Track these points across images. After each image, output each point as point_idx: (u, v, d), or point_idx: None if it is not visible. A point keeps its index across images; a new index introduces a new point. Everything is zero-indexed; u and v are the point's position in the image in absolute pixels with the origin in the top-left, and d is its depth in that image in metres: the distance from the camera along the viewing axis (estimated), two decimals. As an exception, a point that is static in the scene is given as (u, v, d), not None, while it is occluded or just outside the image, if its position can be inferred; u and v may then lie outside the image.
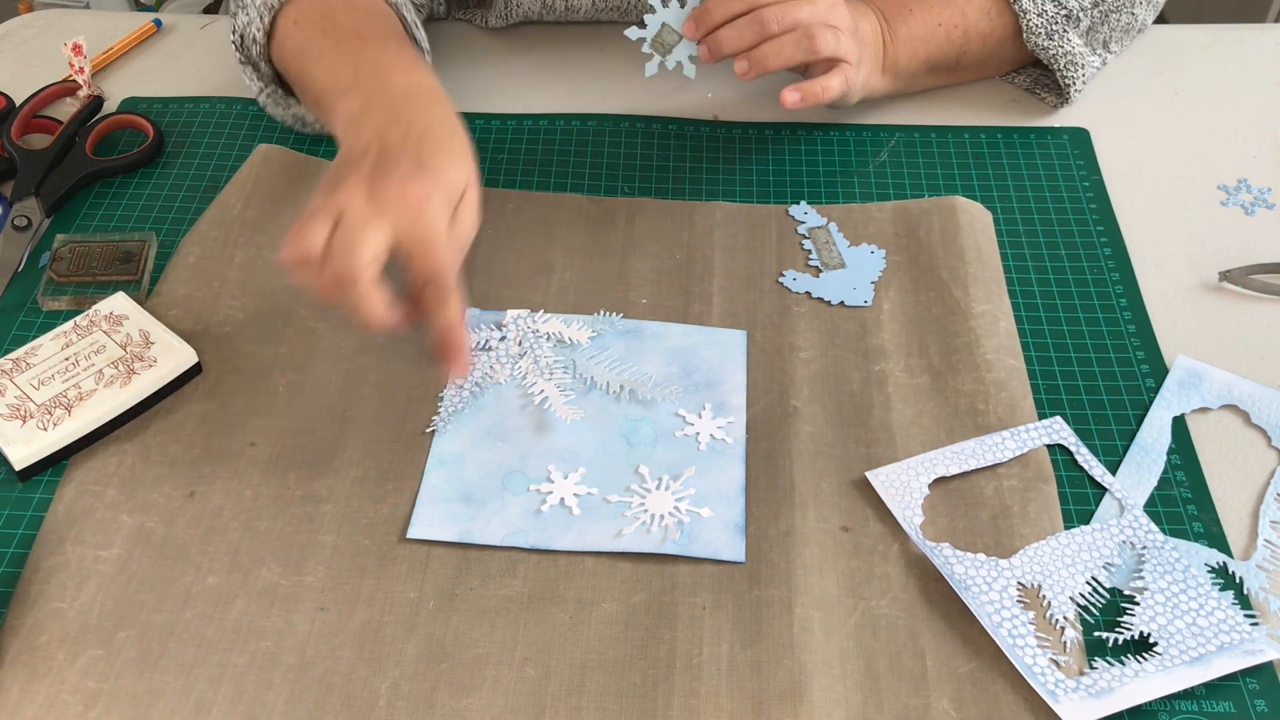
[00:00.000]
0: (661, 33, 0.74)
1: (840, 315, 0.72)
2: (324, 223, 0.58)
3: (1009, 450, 0.64)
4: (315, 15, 0.75)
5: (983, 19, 0.82)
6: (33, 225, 0.78)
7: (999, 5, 0.82)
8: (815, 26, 0.73)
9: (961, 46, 0.83)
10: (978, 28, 0.83)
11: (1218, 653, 0.56)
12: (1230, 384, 0.68)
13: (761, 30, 0.72)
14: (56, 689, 0.55)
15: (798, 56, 0.73)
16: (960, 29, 0.82)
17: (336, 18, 0.74)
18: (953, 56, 0.84)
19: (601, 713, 0.54)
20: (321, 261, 0.58)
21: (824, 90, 0.75)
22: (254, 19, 0.77)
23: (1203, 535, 0.62)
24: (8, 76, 0.92)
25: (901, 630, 0.57)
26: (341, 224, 0.58)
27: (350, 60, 0.70)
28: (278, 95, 0.82)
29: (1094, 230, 0.78)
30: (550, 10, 0.90)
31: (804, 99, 0.74)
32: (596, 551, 0.61)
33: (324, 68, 0.72)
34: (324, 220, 0.59)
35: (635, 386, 0.68)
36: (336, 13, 0.74)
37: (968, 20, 0.82)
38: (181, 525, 0.62)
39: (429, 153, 0.61)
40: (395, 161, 0.60)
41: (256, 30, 0.77)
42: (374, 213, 0.58)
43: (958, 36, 0.83)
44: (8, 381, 0.66)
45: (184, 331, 0.70)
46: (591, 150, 0.84)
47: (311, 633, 0.57)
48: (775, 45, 0.73)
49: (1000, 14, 0.82)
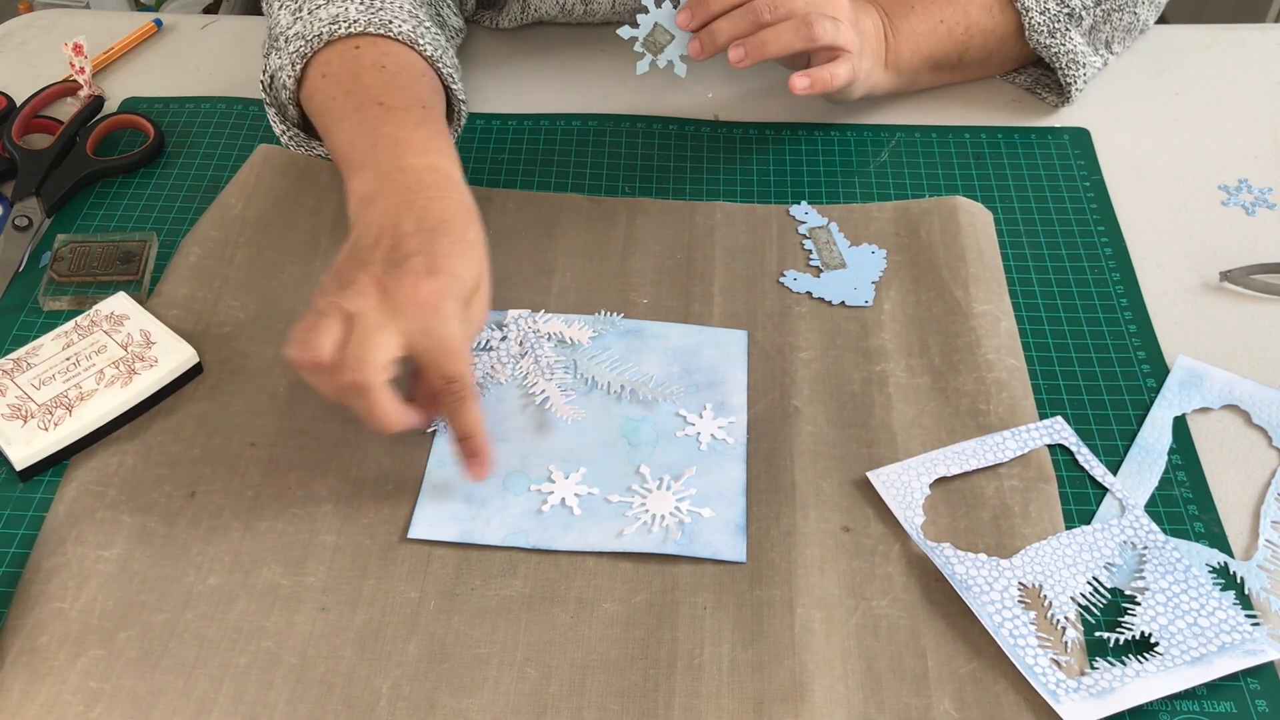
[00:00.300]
0: (654, 32, 0.74)
1: (841, 315, 0.72)
2: (334, 326, 0.57)
3: (1010, 450, 0.64)
4: (344, 72, 0.72)
5: (985, 16, 0.82)
6: (33, 225, 0.78)
7: (1001, 2, 0.82)
8: (813, 15, 0.72)
9: (964, 44, 0.83)
10: (980, 25, 0.83)
11: (1219, 653, 0.56)
12: (1231, 384, 0.68)
13: (756, 20, 0.72)
14: (57, 689, 0.55)
15: (796, 44, 0.72)
16: (962, 26, 0.82)
17: (363, 78, 0.71)
18: (955, 54, 0.84)
19: (602, 713, 0.54)
20: (333, 368, 0.57)
21: (832, 77, 0.74)
22: (285, 65, 0.74)
23: (1204, 535, 0.62)
24: (8, 76, 0.92)
25: (903, 630, 0.57)
26: (354, 329, 0.57)
27: (368, 132, 0.68)
28: (300, 138, 0.80)
29: (1094, 230, 0.78)
30: (568, 13, 0.90)
31: (813, 85, 0.73)
32: (597, 551, 0.61)
33: (344, 134, 0.69)
34: (333, 323, 0.57)
35: (636, 386, 0.68)
36: (364, 72, 0.71)
37: (970, 17, 0.82)
38: (182, 525, 0.62)
39: (442, 248, 0.60)
40: (407, 260, 0.59)
41: (287, 77, 0.74)
42: (386, 315, 0.57)
43: (960, 33, 0.83)
44: (8, 381, 0.66)
45: (184, 331, 0.70)
46: (592, 150, 0.84)
47: (312, 633, 0.57)
48: (773, 32, 0.72)
49: (1003, 11, 0.82)
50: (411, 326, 0.57)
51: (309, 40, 0.73)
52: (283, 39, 0.75)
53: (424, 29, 0.76)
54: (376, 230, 0.61)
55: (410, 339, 0.58)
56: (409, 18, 0.75)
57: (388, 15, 0.74)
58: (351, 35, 0.73)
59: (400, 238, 0.60)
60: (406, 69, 0.73)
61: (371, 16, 0.73)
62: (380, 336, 0.57)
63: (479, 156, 0.83)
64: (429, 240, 0.60)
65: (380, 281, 0.58)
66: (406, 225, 0.61)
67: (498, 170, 0.82)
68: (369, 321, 0.57)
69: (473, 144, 0.84)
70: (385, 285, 0.58)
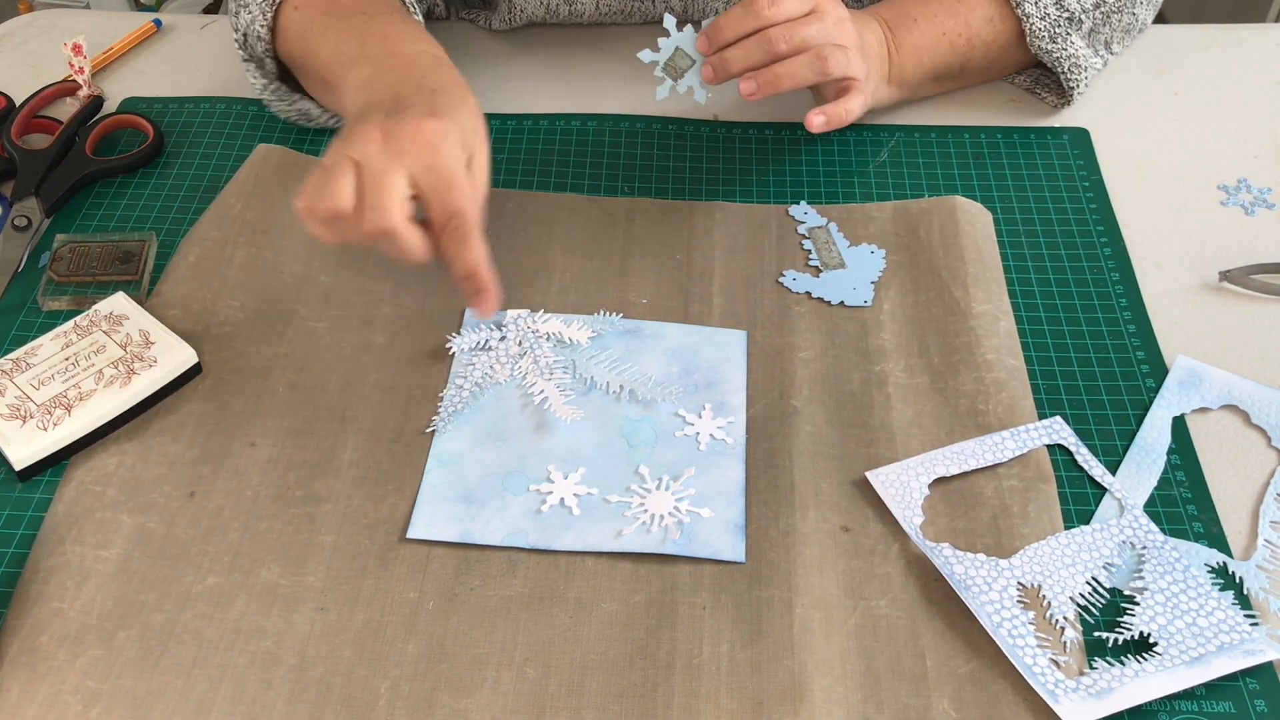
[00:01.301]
0: (674, 57, 0.74)
1: (840, 315, 0.72)
2: (345, 174, 0.58)
3: (1009, 450, 0.64)
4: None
5: (986, 26, 0.82)
6: (33, 225, 0.78)
7: (1002, 12, 0.82)
8: (826, 47, 0.72)
9: (965, 54, 0.83)
10: (981, 35, 0.83)
11: (1218, 653, 0.56)
12: (1230, 384, 0.68)
13: (770, 50, 0.71)
14: (56, 689, 0.55)
15: (810, 78, 0.72)
16: (964, 38, 0.82)
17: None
18: (957, 65, 0.84)
19: (602, 713, 0.54)
20: (354, 215, 0.58)
21: (847, 113, 0.74)
22: (256, 16, 0.77)
23: (1203, 535, 0.62)
24: (8, 76, 0.92)
25: (902, 630, 0.57)
26: (365, 175, 0.58)
27: (356, 34, 0.70)
28: (282, 91, 0.82)
29: (1094, 230, 0.78)
30: (554, 14, 0.90)
31: (829, 122, 0.73)
32: (596, 552, 0.61)
33: (329, 44, 0.72)
34: (344, 171, 0.58)
35: (635, 386, 0.68)
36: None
37: (971, 29, 0.82)
38: (181, 525, 0.62)
39: (442, 101, 0.62)
40: (408, 108, 0.60)
41: (260, 26, 0.77)
42: (391, 157, 0.58)
43: (961, 45, 0.83)
44: (8, 381, 0.66)
45: (184, 331, 0.70)
46: (591, 150, 0.84)
47: (312, 633, 0.57)
48: (787, 66, 0.71)
49: (1004, 20, 0.82)
50: (415, 164, 0.58)
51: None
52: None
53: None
54: (379, 98, 0.63)
55: (415, 177, 0.59)
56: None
57: None
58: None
59: (401, 98, 0.62)
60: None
61: None
62: (389, 178, 0.58)
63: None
64: (430, 97, 0.62)
65: (383, 126, 0.59)
66: (407, 89, 0.63)
67: (497, 170, 0.82)
68: (376, 165, 0.58)
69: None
70: (387, 129, 0.59)
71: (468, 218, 0.59)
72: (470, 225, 0.59)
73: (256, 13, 0.77)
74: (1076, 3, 0.81)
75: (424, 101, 0.61)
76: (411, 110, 0.60)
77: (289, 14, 0.76)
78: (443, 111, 0.61)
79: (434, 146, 0.58)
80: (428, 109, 0.60)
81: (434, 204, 0.59)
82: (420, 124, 0.59)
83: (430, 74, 0.65)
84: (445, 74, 0.66)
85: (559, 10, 0.89)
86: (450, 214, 0.59)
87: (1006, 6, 0.82)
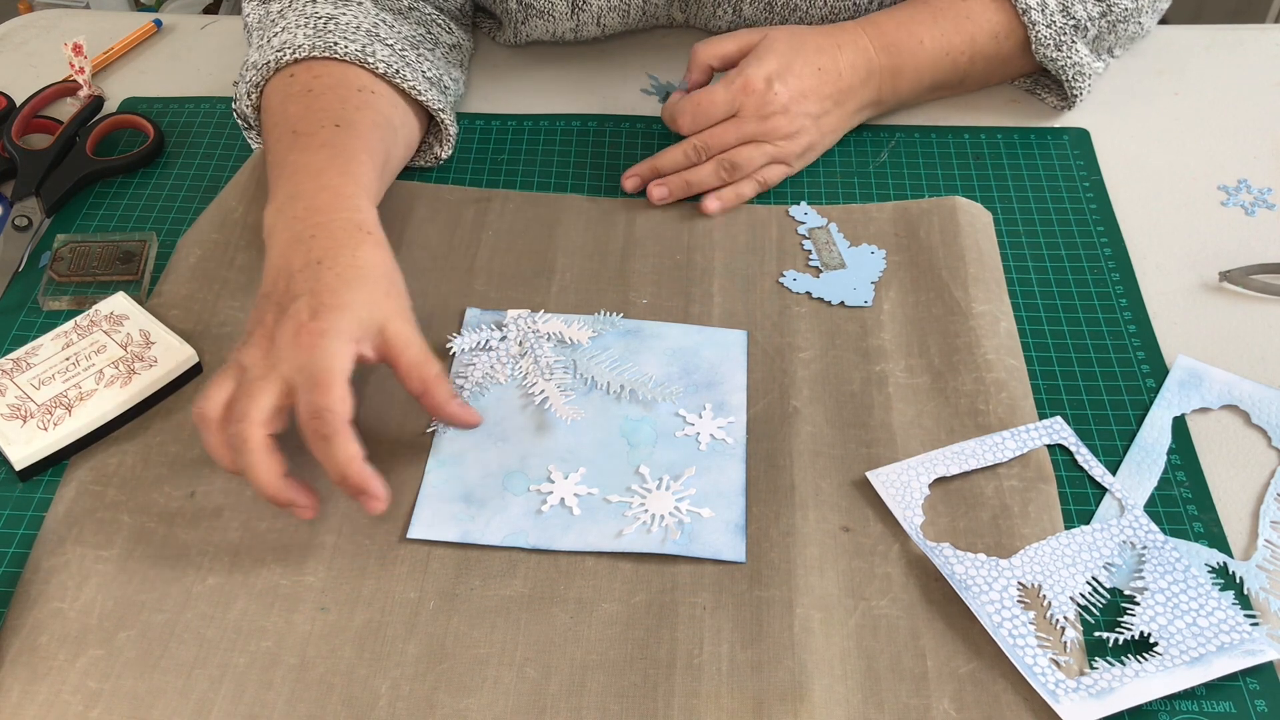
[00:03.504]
0: None
1: (840, 315, 0.72)
2: (227, 382, 0.59)
3: (1009, 450, 0.64)
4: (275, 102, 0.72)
5: (990, 43, 0.82)
6: (33, 225, 0.78)
7: (1007, 29, 0.81)
8: (736, 152, 0.77)
9: (966, 70, 0.83)
10: (984, 52, 0.82)
11: (1218, 653, 0.56)
12: (1230, 384, 0.68)
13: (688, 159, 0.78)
14: (57, 689, 0.55)
15: (714, 182, 0.78)
16: (967, 55, 0.82)
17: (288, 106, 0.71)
18: (957, 79, 0.84)
19: (602, 713, 0.54)
20: (219, 424, 0.58)
21: (738, 197, 0.78)
22: (242, 95, 0.76)
23: (1203, 535, 0.62)
24: (8, 76, 0.92)
25: (902, 630, 0.57)
26: (240, 383, 0.58)
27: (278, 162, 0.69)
28: None
29: (1094, 230, 0.78)
30: (558, 39, 0.90)
31: (723, 206, 0.78)
32: (597, 552, 0.61)
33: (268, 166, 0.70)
34: (227, 379, 0.59)
35: (636, 386, 0.68)
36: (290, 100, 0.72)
37: (975, 46, 0.82)
38: (182, 525, 0.62)
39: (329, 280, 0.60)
40: (294, 302, 0.60)
41: (245, 107, 0.76)
42: (270, 365, 0.58)
43: (964, 62, 0.82)
44: (8, 381, 0.66)
45: (184, 332, 0.70)
46: (591, 150, 0.84)
47: (312, 633, 0.57)
48: (696, 174, 0.78)
49: (1008, 37, 0.82)
50: (289, 369, 0.58)
51: (260, 69, 0.74)
52: (246, 67, 0.77)
53: (381, 46, 0.75)
54: (274, 272, 0.62)
55: (290, 381, 0.58)
56: (364, 36, 0.75)
57: (334, 37, 0.74)
58: (298, 61, 0.73)
59: (290, 276, 0.61)
60: (337, 88, 0.72)
61: (316, 40, 0.73)
62: (260, 386, 0.57)
63: (479, 156, 0.83)
64: (315, 275, 0.61)
65: (270, 331, 0.59)
66: (296, 260, 0.62)
67: (498, 170, 0.82)
68: (254, 374, 0.58)
69: (473, 144, 0.84)
70: (273, 334, 0.59)
71: (331, 418, 0.56)
72: (333, 425, 0.56)
73: (243, 91, 0.76)
74: (1083, 11, 0.81)
75: (310, 286, 0.60)
76: (294, 309, 0.59)
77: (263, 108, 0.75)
78: (328, 299, 0.59)
79: (309, 347, 0.57)
80: (310, 306, 0.59)
81: (300, 402, 0.57)
82: (299, 328, 0.58)
83: (321, 229, 0.63)
84: (336, 223, 0.63)
85: (564, 37, 0.89)
86: (312, 411, 0.56)
87: (1013, 19, 0.81)
